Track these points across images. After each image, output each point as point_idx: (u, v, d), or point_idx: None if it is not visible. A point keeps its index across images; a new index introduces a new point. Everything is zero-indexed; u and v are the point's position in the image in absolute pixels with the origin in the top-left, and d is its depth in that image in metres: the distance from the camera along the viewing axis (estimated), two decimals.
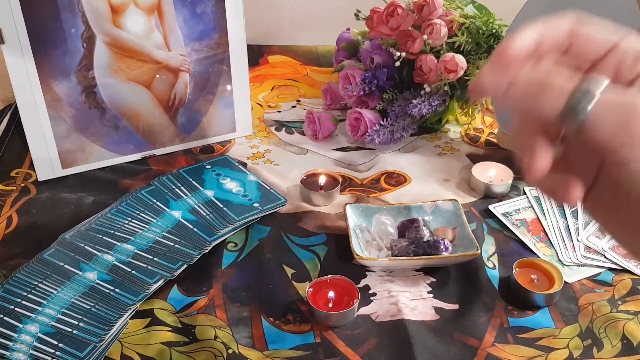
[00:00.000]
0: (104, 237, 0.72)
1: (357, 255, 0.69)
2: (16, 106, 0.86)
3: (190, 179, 0.83)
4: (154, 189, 0.81)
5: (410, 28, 0.92)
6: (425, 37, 0.90)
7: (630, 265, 0.72)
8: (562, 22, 0.30)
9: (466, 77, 0.91)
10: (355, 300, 0.64)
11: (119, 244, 0.72)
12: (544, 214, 0.80)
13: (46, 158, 0.83)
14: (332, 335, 0.63)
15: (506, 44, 0.29)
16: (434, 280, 0.70)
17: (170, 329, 0.63)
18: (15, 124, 0.96)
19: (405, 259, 0.69)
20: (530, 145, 0.29)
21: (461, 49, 0.92)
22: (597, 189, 0.31)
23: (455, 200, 0.78)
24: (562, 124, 0.27)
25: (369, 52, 0.98)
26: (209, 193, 0.81)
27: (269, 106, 1.06)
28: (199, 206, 0.78)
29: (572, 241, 0.76)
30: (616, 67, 0.29)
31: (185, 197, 0.80)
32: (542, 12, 0.90)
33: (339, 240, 0.75)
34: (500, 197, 0.84)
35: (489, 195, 0.84)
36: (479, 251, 0.69)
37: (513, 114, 0.31)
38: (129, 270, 0.68)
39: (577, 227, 0.78)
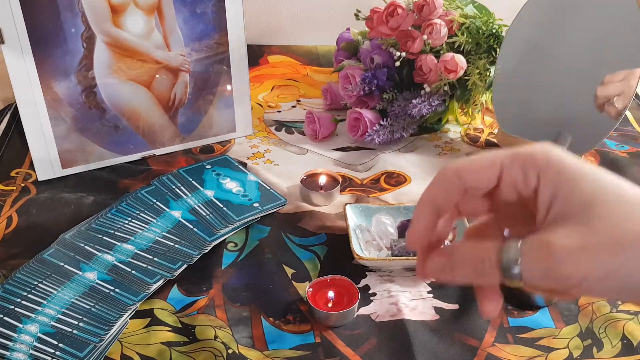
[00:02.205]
0: (104, 237, 0.72)
1: (357, 255, 0.69)
2: (16, 106, 0.86)
3: (190, 179, 0.83)
4: (154, 189, 0.81)
5: (410, 28, 0.93)
6: (425, 37, 0.90)
7: None
8: (447, 176, 0.33)
9: (466, 77, 0.92)
10: (355, 300, 0.64)
11: (119, 244, 0.72)
12: None
13: (46, 158, 0.83)
14: (332, 335, 0.63)
15: (408, 234, 0.34)
16: (434, 280, 0.70)
17: (170, 329, 0.63)
18: (15, 124, 0.96)
19: (405, 259, 0.69)
20: (479, 291, 0.36)
21: (461, 49, 0.92)
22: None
23: None
24: (508, 283, 0.31)
25: (369, 52, 0.98)
26: (209, 193, 0.81)
27: (269, 106, 1.06)
28: (199, 206, 0.78)
29: None
30: (513, 186, 0.32)
31: (185, 197, 0.80)
32: (542, 12, 0.90)
33: (339, 240, 0.75)
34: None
35: None
36: None
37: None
38: (129, 270, 0.68)
39: None
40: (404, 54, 0.92)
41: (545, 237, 0.29)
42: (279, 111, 1.04)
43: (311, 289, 0.66)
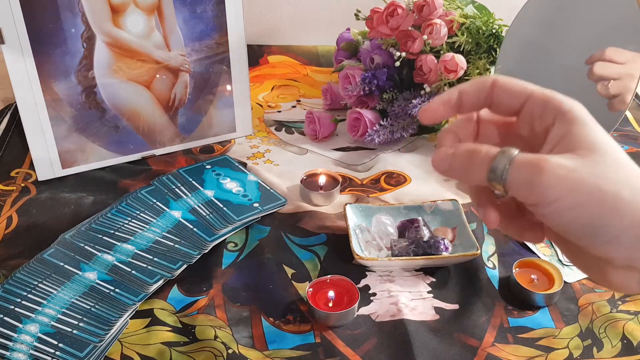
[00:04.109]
0: (104, 237, 0.72)
1: (357, 255, 0.69)
2: (16, 106, 0.86)
3: (190, 179, 0.83)
4: (154, 189, 0.81)
5: (410, 28, 0.93)
6: (425, 37, 0.90)
7: None
8: (487, 78, 0.36)
9: (466, 77, 0.91)
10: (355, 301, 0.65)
11: (119, 244, 0.72)
12: None
13: (46, 158, 0.83)
14: (332, 335, 0.63)
15: (424, 109, 0.37)
16: (434, 280, 0.70)
17: (170, 329, 0.63)
18: (15, 124, 0.96)
19: (405, 259, 0.69)
20: (479, 203, 0.36)
21: (461, 49, 0.92)
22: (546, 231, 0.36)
23: (455, 200, 0.78)
24: (490, 184, 0.32)
25: (369, 52, 0.98)
26: (209, 193, 0.81)
27: (269, 106, 1.06)
28: (199, 206, 0.78)
29: None
30: (531, 118, 0.34)
31: (185, 197, 0.80)
32: (542, 12, 0.90)
33: (339, 240, 0.75)
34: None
35: None
36: (479, 251, 0.69)
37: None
38: (129, 270, 0.68)
39: None
40: (404, 54, 0.92)
41: (543, 155, 0.31)
42: (279, 111, 1.04)
43: (311, 289, 0.66)
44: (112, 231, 0.73)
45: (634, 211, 0.30)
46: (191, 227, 0.75)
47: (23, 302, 0.64)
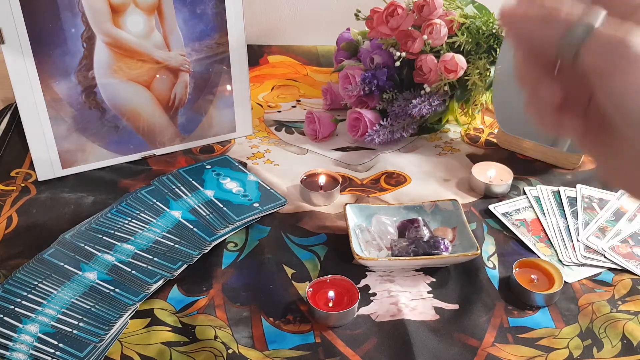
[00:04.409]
0: (104, 237, 0.72)
1: (357, 255, 0.69)
2: (16, 106, 0.86)
3: (190, 179, 0.83)
4: (154, 189, 0.81)
5: (410, 28, 0.93)
6: (425, 37, 0.90)
7: (630, 265, 0.72)
8: None
9: (466, 77, 0.92)
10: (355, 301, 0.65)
11: (119, 244, 0.72)
12: (544, 214, 0.80)
13: (46, 158, 0.83)
14: (332, 335, 0.63)
15: None
16: (434, 280, 0.70)
17: (170, 329, 0.63)
18: (15, 124, 0.96)
19: (405, 259, 0.69)
20: (535, 81, 0.32)
21: (461, 49, 0.92)
22: (587, 123, 0.33)
23: (455, 200, 0.78)
24: (561, 51, 0.29)
25: (369, 52, 0.98)
26: (209, 193, 0.81)
27: (269, 106, 1.06)
28: (199, 206, 0.78)
29: (572, 241, 0.76)
30: None
31: (185, 197, 0.80)
32: None
33: (339, 240, 0.75)
34: (500, 197, 0.84)
35: (489, 195, 0.84)
36: (479, 251, 0.69)
37: (518, 51, 0.33)
38: (129, 270, 0.68)
39: (577, 227, 0.78)
40: (404, 54, 0.92)
41: (624, 28, 0.28)
42: (279, 111, 1.04)
43: (311, 289, 0.66)
44: (112, 231, 0.73)
45: None
46: (191, 227, 0.75)
47: (23, 302, 0.64)
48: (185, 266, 0.70)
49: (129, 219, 0.75)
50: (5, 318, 0.62)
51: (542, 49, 0.31)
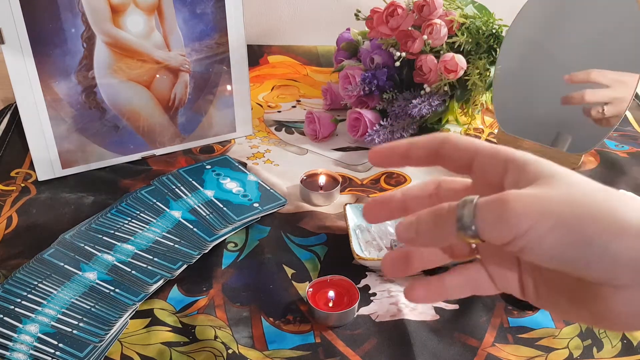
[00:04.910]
0: (104, 237, 0.72)
1: (357, 255, 0.69)
2: (16, 106, 0.86)
3: (190, 179, 0.83)
4: (154, 189, 0.81)
5: (410, 28, 0.93)
6: (425, 37, 0.90)
7: None
8: (437, 134, 0.35)
9: (466, 77, 0.92)
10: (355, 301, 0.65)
11: (119, 244, 0.72)
12: None
13: (46, 158, 0.83)
14: (332, 335, 0.63)
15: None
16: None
17: (170, 329, 0.63)
18: (15, 124, 0.96)
19: None
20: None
21: (461, 49, 0.92)
22: (527, 278, 0.34)
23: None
24: (464, 239, 0.30)
25: (369, 52, 0.98)
26: (209, 193, 0.81)
27: (269, 106, 1.06)
28: (199, 206, 0.78)
29: None
30: (483, 173, 0.33)
31: (185, 197, 0.80)
32: (542, 12, 0.90)
33: (339, 240, 0.75)
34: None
35: None
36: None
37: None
38: (129, 270, 0.68)
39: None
40: (404, 54, 0.92)
41: (504, 192, 0.30)
42: (279, 111, 1.04)
43: (311, 289, 0.66)
44: (112, 231, 0.73)
45: (612, 211, 0.28)
46: (191, 227, 0.75)
47: (23, 302, 0.64)
48: (185, 266, 0.70)
49: (129, 219, 0.75)
50: (5, 318, 0.62)
51: (448, 242, 0.33)
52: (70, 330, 0.61)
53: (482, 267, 0.36)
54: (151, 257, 0.70)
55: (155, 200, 0.78)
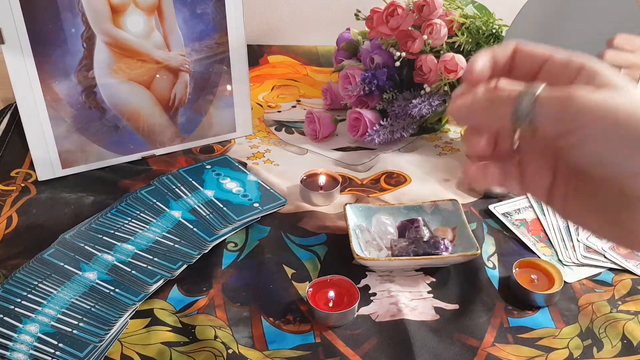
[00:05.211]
0: (104, 237, 0.72)
1: (357, 255, 0.69)
2: (16, 106, 0.86)
3: (190, 179, 0.83)
4: (154, 189, 0.81)
5: (410, 28, 0.93)
6: (425, 37, 0.90)
7: (630, 265, 0.72)
8: (508, 44, 0.36)
9: None
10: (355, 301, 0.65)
11: (119, 244, 0.72)
12: (544, 214, 0.80)
13: (46, 158, 0.83)
14: (332, 335, 0.63)
15: (469, 69, 0.36)
16: (434, 280, 0.70)
17: (170, 329, 0.63)
18: (15, 124, 0.96)
19: (405, 259, 0.69)
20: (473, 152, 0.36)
21: (461, 49, 0.92)
22: (559, 187, 0.34)
23: (455, 200, 0.78)
24: (515, 126, 0.31)
25: (369, 52, 0.98)
26: (209, 193, 0.81)
27: (269, 106, 1.06)
28: (199, 206, 0.78)
29: (572, 241, 0.76)
30: (552, 76, 0.34)
31: (185, 197, 0.80)
32: (542, 12, 0.90)
33: (339, 240, 0.75)
34: (500, 197, 0.84)
35: (489, 195, 0.84)
36: (479, 251, 0.69)
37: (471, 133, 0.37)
38: (129, 270, 0.68)
39: (577, 227, 0.78)
40: (404, 54, 0.92)
41: (570, 86, 0.30)
42: (279, 111, 1.04)
43: (311, 289, 0.66)
44: (112, 231, 0.73)
45: None
46: (191, 227, 0.75)
47: (23, 302, 0.64)
48: (185, 266, 0.70)
49: (129, 219, 0.75)
50: (5, 318, 0.62)
51: (499, 125, 0.33)
52: (70, 330, 0.61)
53: (517, 165, 0.36)
54: (151, 257, 0.70)
55: (155, 200, 0.78)
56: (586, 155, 0.30)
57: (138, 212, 0.76)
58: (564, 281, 0.69)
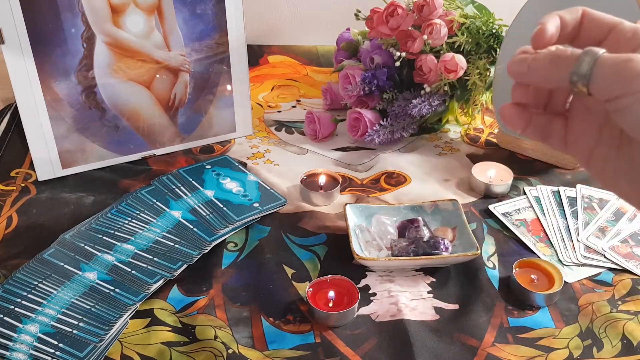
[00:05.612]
0: (104, 237, 0.72)
1: (357, 255, 0.69)
2: (16, 106, 0.86)
3: (190, 179, 0.83)
4: (154, 189, 0.81)
5: (410, 28, 0.93)
6: (425, 37, 0.90)
7: (630, 265, 0.72)
8: (576, 9, 0.37)
9: (466, 77, 0.92)
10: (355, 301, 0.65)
11: (119, 244, 0.72)
12: (544, 214, 0.80)
13: (46, 158, 0.83)
14: (332, 335, 0.63)
15: (540, 32, 0.36)
16: (434, 280, 0.70)
17: (170, 329, 0.63)
18: (15, 124, 0.96)
19: (405, 259, 0.69)
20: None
21: (461, 49, 0.92)
22: (602, 150, 0.35)
23: (455, 200, 0.78)
24: (572, 84, 0.32)
25: (369, 52, 0.98)
26: (209, 193, 0.81)
27: (269, 106, 1.06)
28: (199, 206, 0.78)
29: (572, 241, 0.76)
30: (617, 43, 0.35)
31: (185, 197, 0.80)
32: (542, 12, 0.90)
33: (339, 240, 0.75)
34: (500, 197, 0.84)
35: (489, 195, 0.84)
36: (479, 251, 0.69)
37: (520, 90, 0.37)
38: (129, 270, 0.68)
39: (577, 227, 0.78)
40: (404, 54, 0.92)
41: (630, 53, 0.31)
42: (279, 111, 1.04)
43: (311, 289, 0.66)
44: (112, 231, 0.73)
45: None
46: (191, 227, 0.75)
47: (23, 302, 0.64)
48: (185, 266, 0.70)
49: (129, 219, 0.75)
50: (5, 318, 0.62)
51: (556, 85, 0.34)
52: (70, 330, 0.61)
53: (565, 124, 0.37)
54: (151, 257, 0.70)
55: (155, 200, 0.78)
56: (633, 120, 0.31)
57: (138, 212, 0.76)
58: (564, 281, 0.69)
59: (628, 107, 0.31)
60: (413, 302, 0.67)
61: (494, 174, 0.85)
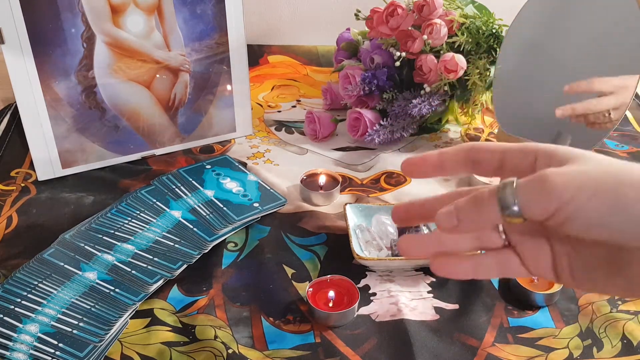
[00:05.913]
0: (104, 237, 0.72)
1: (357, 255, 0.69)
2: (16, 106, 0.86)
3: (190, 179, 0.83)
4: (154, 189, 0.81)
5: (410, 28, 0.93)
6: (425, 37, 0.90)
7: None
8: (462, 146, 0.37)
9: (466, 77, 0.92)
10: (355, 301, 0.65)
11: (119, 243, 0.72)
12: None
13: (46, 158, 0.83)
14: (332, 335, 0.63)
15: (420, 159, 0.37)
16: (434, 280, 0.70)
17: (170, 329, 0.63)
18: (15, 124, 0.96)
19: (405, 259, 0.69)
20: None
21: (461, 49, 0.92)
22: (561, 261, 0.35)
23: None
24: (506, 217, 0.32)
25: (369, 52, 0.98)
26: (209, 193, 0.81)
27: (269, 106, 1.06)
28: (199, 206, 0.78)
29: None
30: (512, 168, 0.35)
31: (185, 197, 0.80)
32: (542, 12, 0.90)
33: (339, 240, 0.75)
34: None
35: None
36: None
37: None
38: (129, 270, 0.68)
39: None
40: (404, 54, 0.92)
41: (539, 172, 0.31)
42: (279, 111, 1.04)
43: (311, 289, 0.66)
44: (112, 231, 0.73)
45: None
46: (191, 227, 0.75)
47: (23, 302, 0.64)
48: (185, 266, 0.70)
49: (129, 219, 0.75)
50: (5, 318, 0.62)
51: (490, 225, 0.35)
52: (70, 330, 0.61)
53: (514, 252, 0.36)
54: (151, 257, 0.70)
55: (155, 200, 0.78)
56: (578, 227, 0.31)
57: (138, 212, 0.76)
58: None
59: (569, 219, 0.31)
60: (413, 302, 0.67)
61: None
